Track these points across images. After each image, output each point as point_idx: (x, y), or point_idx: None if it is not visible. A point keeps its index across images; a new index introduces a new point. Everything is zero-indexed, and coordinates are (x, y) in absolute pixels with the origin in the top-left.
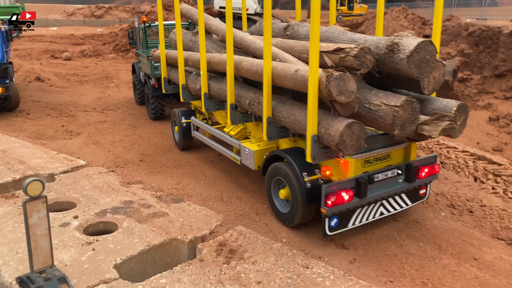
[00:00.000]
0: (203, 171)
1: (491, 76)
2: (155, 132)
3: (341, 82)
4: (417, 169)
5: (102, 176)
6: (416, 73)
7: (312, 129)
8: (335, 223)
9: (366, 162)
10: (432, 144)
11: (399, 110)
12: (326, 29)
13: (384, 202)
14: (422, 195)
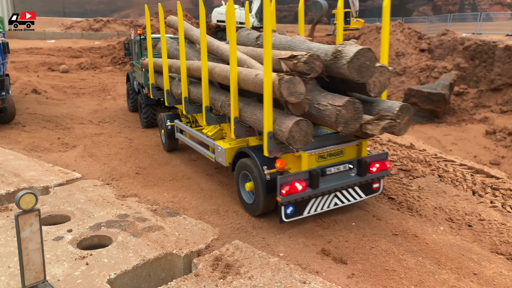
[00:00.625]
0: (200, 184)
1: (487, 90)
2: (151, 144)
3: (291, 85)
4: (368, 164)
5: (97, 189)
6: (356, 77)
7: (268, 126)
8: (291, 211)
9: (320, 157)
10: (430, 157)
11: (341, 110)
12: (290, 39)
13: (337, 193)
14: (376, 189)
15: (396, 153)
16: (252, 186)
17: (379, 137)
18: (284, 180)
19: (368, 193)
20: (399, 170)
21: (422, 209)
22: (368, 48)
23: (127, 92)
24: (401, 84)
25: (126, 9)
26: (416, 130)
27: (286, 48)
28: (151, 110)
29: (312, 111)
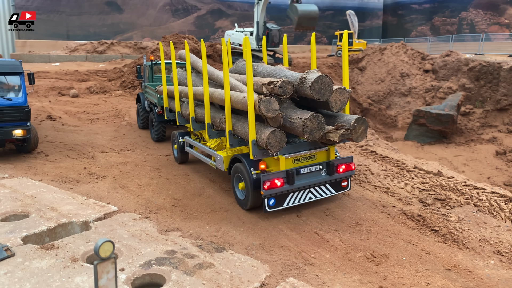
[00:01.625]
0: (239, 216)
1: (493, 110)
2: (180, 174)
3: (268, 104)
4: (336, 166)
5: (137, 223)
6: (317, 96)
7: (252, 136)
8: (273, 202)
9: (296, 160)
10: (461, 185)
11: (307, 122)
12: (273, 68)
13: (311, 189)
14: (345, 186)
15: (425, 181)
16: (243, 185)
17: (405, 163)
18: (265, 177)
19: (338, 190)
20: (434, 200)
21: (467, 242)
22: (325, 75)
23: (137, 111)
24: (407, 105)
25: (129, 31)
26: (426, 150)
27: (270, 75)
28: (162, 125)
29: (286, 123)
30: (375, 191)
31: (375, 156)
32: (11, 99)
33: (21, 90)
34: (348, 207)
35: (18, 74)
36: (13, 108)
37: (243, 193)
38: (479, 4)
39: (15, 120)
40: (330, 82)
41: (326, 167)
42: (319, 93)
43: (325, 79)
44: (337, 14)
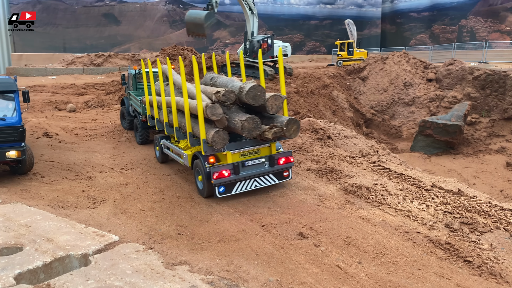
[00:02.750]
0: (252, 247)
1: (500, 119)
2: (184, 196)
3: (213, 109)
4: (277, 159)
5: (141, 256)
6: (252, 102)
7: (202, 135)
8: (222, 190)
9: (242, 155)
10: (485, 206)
11: (244, 123)
12: (227, 79)
13: (256, 178)
14: (286, 176)
15: (447, 201)
16: (201, 177)
17: (422, 181)
18: (214, 169)
19: (280, 179)
20: (461, 224)
21: (506, 275)
22: (258, 85)
23: (121, 114)
24: (411, 115)
25: (127, 43)
26: (434, 162)
27: (223, 85)
28: (145, 132)
29: (231, 124)
30: (396, 215)
31: (389, 174)
32: (4, 119)
33: (15, 109)
34: (369, 234)
35: (12, 92)
36: (6, 128)
37: (201, 184)
38: (479, 12)
39: (9, 141)
40: (262, 90)
41: (268, 160)
42: (254, 99)
43: (258, 88)
44: (336, 23)
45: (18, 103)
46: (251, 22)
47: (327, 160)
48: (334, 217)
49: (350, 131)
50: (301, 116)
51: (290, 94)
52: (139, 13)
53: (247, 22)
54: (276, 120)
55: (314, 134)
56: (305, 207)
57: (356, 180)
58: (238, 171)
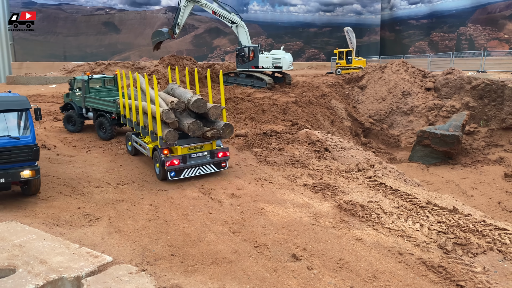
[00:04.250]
0: (244, 269)
1: (499, 129)
2: (179, 213)
3: (167, 114)
4: (216, 152)
5: (133, 278)
6: (197, 111)
7: (159, 133)
8: (173, 174)
9: (190, 149)
10: (480, 225)
11: (190, 125)
12: (183, 90)
13: (200, 167)
14: (223, 166)
15: (441, 220)
16: (158, 165)
17: (417, 197)
18: (167, 159)
19: (219, 168)
20: (455, 245)
21: None
22: (201, 98)
23: (66, 119)
24: (410, 124)
25: (127, 51)
26: (432, 173)
27: (179, 96)
28: (114, 127)
29: (181, 126)
30: (390, 235)
31: (385, 189)
32: (18, 138)
33: (29, 127)
34: (362, 256)
35: (25, 111)
36: (21, 147)
37: (158, 170)
38: (478, 20)
39: (23, 161)
40: (204, 102)
41: (210, 153)
42: (198, 108)
43: (201, 101)
44: (335, 30)
45: (31, 121)
46: (237, 34)
47: (323, 175)
48: (328, 237)
49: (348, 142)
50: (299, 127)
51: (288, 104)
52: (139, 22)
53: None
54: (215, 124)
55: (312, 146)
56: (300, 226)
57: (352, 197)
58: (186, 161)
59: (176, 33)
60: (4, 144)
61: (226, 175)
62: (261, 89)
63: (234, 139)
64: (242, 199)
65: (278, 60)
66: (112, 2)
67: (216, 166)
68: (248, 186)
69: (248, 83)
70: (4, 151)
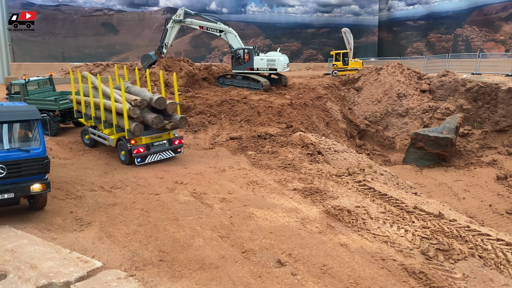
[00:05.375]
0: (230, 275)
1: (492, 131)
2: (170, 218)
3: (133, 110)
4: (173, 141)
5: (121, 284)
6: (158, 107)
7: (126, 126)
8: (139, 160)
9: (152, 138)
10: (464, 231)
11: (153, 119)
12: (140, 89)
13: (160, 153)
14: (179, 151)
15: (427, 225)
16: (124, 153)
17: (405, 202)
18: (134, 147)
19: (176, 153)
20: (437, 251)
21: None
22: (161, 96)
23: None
24: (405, 126)
25: (125, 52)
26: (425, 175)
27: (136, 93)
28: (58, 124)
29: (144, 120)
30: (374, 241)
31: (374, 194)
32: (29, 150)
33: (40, 139)
34: (346, 261)
35: (35, 121)
36: (31, 160)
37: (124, 156)
38: (474, 21)
39: (33, 174)
40: (164, 100)
41: (168, 141)
42: (159, 105)
43: (162, 98)
44: (333, 31)
45: (41, 132)
46: (228, 40)
47: (314, 179)
48: (314, 242)
49: (341, 145)
50: (293, 129)
51: (283, 107)
52: (137, 22)
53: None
54: (173, 117)
55: (305, 149)
56: (287, 231)
57: (340, 202)
58: (149, 149)
59: (163, 53)
60: (14, 157)
61: (219, 178)
62: (257, 91)
63: (228, 142)
64: (232, 203)
65: (273, 62)
66: (111, 3)
67: (173, 152)
68: (240, 190)
69: (244, 85)
70: (14, 165)
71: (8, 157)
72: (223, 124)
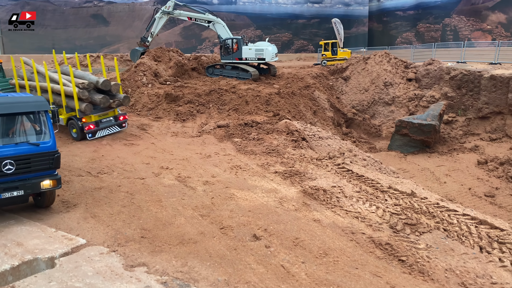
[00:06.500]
0: (207, 249)
1: (475, 118)
2: (153, 200)
3: (83, 92)
4: (118, 117)
5: (104, 258)
6: (104, 88)
7: (77, 107)
8: (90, 136)
9: (100, 116)
10: (433, 207)
11: (101, 99)
12: (84, 73)
13: (108, 128)
14: (124, 126)
15: (399, 203)
16: (75, 130)
17: (380, 183)
18: (85, 124)
19: (121, 128)
20: (404, 225)
21: (433, 272)
22: (106, 79)
23: None
24: (391, 114)
25: (116, 43)
26: (409, 161)
27: (81, 76)
28: None
29: (93, 100)
30: (346, 217)
31: (351, 176)
32: (38, 144)
33: (49, 132)
34: (317, 235)
35: (43, 113)
36: (41, 154)
37: (76, 134)
38: (462, 11)
39: (43, 169)
40: (109, 82)
41: (114, 118)
42: (105, 86)
43: (108, 81)
44: (323, 22)
45: (51, 124)
46: (216, 30)
47: (295, 163)
48: (289, 219)
49: (326, 132)
50: (280, 117)
51: (271, 96)
52: (127, 14)
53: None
54: (117, 97)
55: (290, 136)
56: (265, 210)
57: (317, 183)
58: (98, 125)
59: (149, 41)
60: (22, 152)
61: (204, 164)
62: (246, 81)
63: (216, 130)
64: (215, 186)
65: (261, 52)
66: None
67: (119, 127)
68: (223, 174)
69: (233, 75)
70: (22, 159)
71: (17, 151)
72: (212, 113)
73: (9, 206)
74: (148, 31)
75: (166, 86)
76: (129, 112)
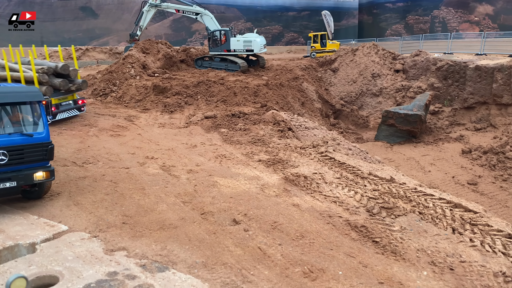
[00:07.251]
0: (187, 233)
1: (461, 108)
2: (137, 188)
3: (42, 76)
4: (77, 101)
5: (84, 243)
6: (63, 73)
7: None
8: (51, 117)
9: (60, 100)
10: (410, 192)
11: (61, 82)
12: (41, 61)
13: (67, 111)
14: (82, 110)
15: (377, 188)
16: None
17: (360, 169)
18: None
19: (80, 111)
20: (381, 209)
21: (405, 252)
22: (65, 64)
23: None
24: (378, 105)
25: (105, 36)
26: (395, 151)
27: (40, 64)
28: None
29: (52, 84)
30: (324, 201)
31: (333, 163)
32: (32, 135)
33: (43, 122)
34: (296, 219)
35: (37, 103)
36: (35, 145)
37: None
38: (450, 3)
39: (36, 161)
40: (68, 66)
41: (73, 102)
42: (64, 71)
43: (67, 65)
44: (314, 14)
45: (44, 115)
46: (204, 22)
47: (279, 152)
48: (269, 204)
49: (313, 122)
50: (267, 108)
51: (259, 87)
52: (116, 6)
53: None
54: (75, 81)
55: (276, 126)
56: (246, 196)
57: (299, 170)
58: (58, 108)
59: (138, 35)
60: (16, 142)
61: (189, 153)
62: (235, 73)
63: (203, 121)
64: (198, 174)
65: (249, 43)
66: None
67: (78, 110)
68: (207, 163)
69: (222, 67)
70: (16, 150)
71: (10, 142)
72: (200, 105)
73: (0, 197)
74: (137, 25)
75: (154, 78)
76: (117, 104)
